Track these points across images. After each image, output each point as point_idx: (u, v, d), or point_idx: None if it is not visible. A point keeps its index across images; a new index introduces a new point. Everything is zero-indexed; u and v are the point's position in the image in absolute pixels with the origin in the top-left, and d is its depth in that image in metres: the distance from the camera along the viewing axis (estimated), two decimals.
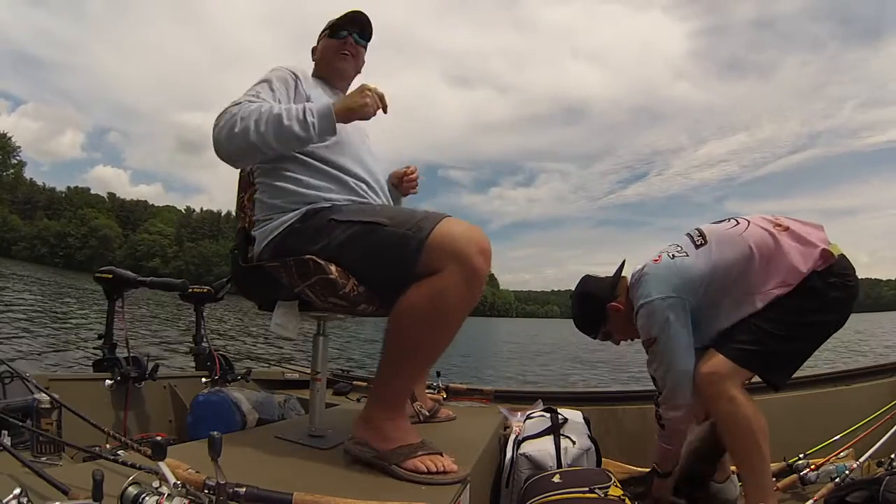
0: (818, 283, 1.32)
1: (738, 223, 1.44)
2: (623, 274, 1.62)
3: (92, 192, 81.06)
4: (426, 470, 0.97)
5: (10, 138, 54.23)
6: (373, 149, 1.36)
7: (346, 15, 1.37)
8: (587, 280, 1.67)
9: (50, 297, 15.34)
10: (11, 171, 56.03)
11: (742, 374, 1.34)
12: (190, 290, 2.19)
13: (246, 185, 1.34)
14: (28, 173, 64.53)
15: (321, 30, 1.43)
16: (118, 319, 1.97)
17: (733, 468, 1.62)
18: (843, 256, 1.36)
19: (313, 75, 1.40)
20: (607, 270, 1.67)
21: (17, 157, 56.14)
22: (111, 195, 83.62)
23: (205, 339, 2.24)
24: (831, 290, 1.32)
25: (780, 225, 1.38)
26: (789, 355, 1.37)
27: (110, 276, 1.97)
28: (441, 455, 1.01)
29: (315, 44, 1.44)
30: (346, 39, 1.38)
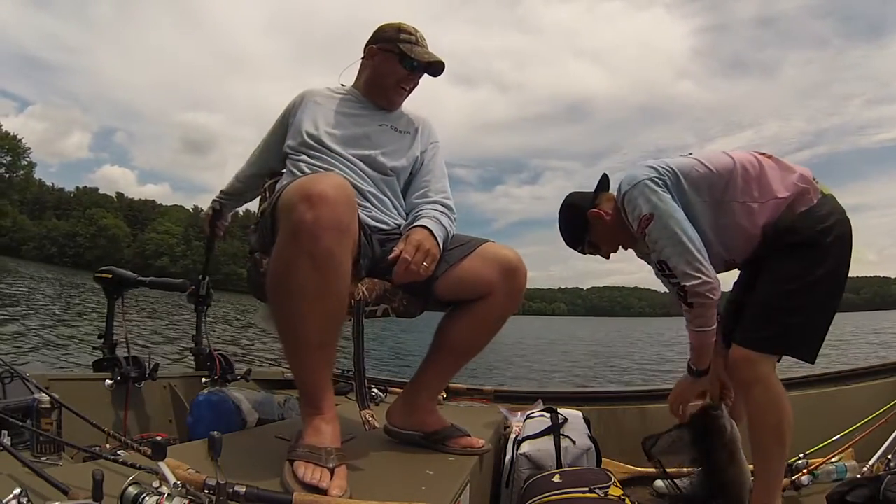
0: (808, 230, 1.31)
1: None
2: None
3: (100, 192, 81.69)
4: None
5: (20, 140, 54.28)
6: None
7: (431, 62, 1.34)
8: (570, 194, 1.65)
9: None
10: (21, 171, 56.02)
11: (773, 357, 1.33)
12: (189, 291, 2.19)
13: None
14: (37, 174, 64.49)
15: (386, 33, 1.35)
16: (118, 319, 1.98)
17: None
18: (832, 196, 1.37)
19: (355, 84, 1.42)
20: (611, 268, 1.65)
21: (28, 159, 55.82)
22: (119, 195, 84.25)
23: (205, 339, 2.24)
24: (825, 236, 1.31)
25: (763, 154, 1.43)
26: (812, 319, 1.34)
27: (110, 275, 1.97)
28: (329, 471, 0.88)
29: (371, 44, 1.37)
30: (415, 76, 1.36)
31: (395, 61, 1.33)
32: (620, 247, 1.60)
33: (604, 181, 1.61)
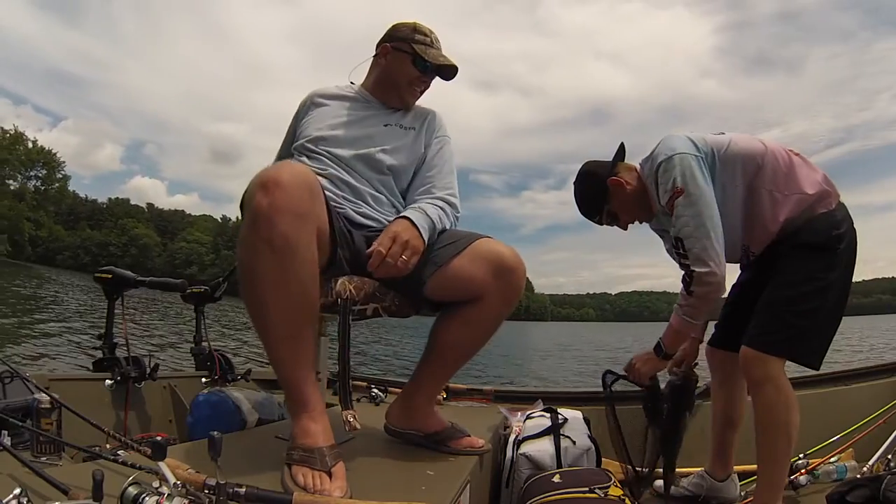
0: (824, 233, 1.32)
1: None
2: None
3: (131, 202, 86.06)
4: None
5: (55, 154, 56.62)
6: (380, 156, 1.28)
7: (445, 65, 1.32)
8: (587, 162, 1.62)
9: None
10: (56, 185, 58.22)
11: (781, 360, 1.33)
12: (189, 291, 2.19)
13: None
14: (71, 186, 66.53)
15: (400, 32, 1.33)
16: (118, 319, 1.98)
17: (736, 467, 1.62)
18: (844, 204, 1.39)
19: (364, 83, 1.39)
20: (639, 273, 1.67)
21: (62, 172, 58.42)
22: (150, 205, 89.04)
23: (205, 339, 2.24)
24: (838, 242, 1.32)
25: (791, 150, 1.43)
26: (823, 323, 1.34)
27: (110, 276, 1.97)
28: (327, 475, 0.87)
29: (385, 42, 1.34)
30: (426, 78, 1.34)
31: (407, 61, 1.31)
32: (637, 220, 1.58)
33: (621, 151, 1.59)
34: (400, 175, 1.31)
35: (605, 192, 1.53)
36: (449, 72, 1.34)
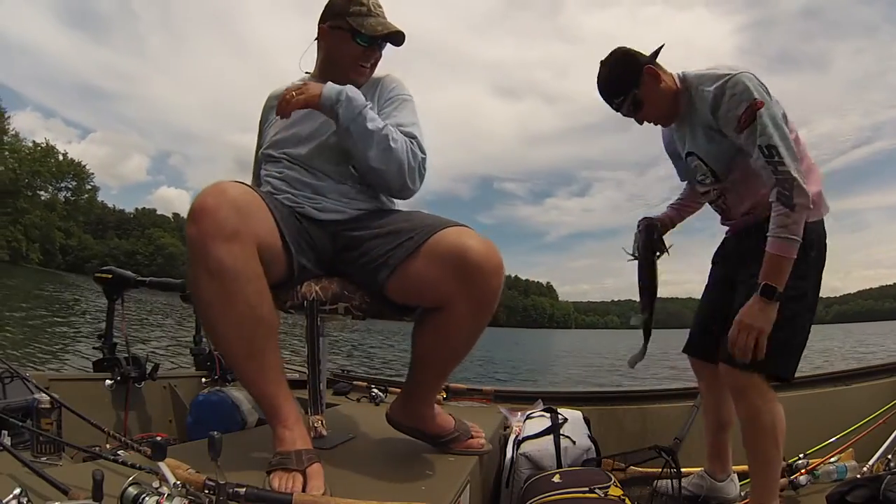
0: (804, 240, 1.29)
1: None
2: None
3: (158, 212, 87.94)
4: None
5: (84, 166, 58.68)
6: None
7: (386, 33, 1.21)
8: (620, 47, 1.52)
9: None
10: (86, 195, 60.56)
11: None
12: (189, 291, 2.19)
13: None
14: (99, 196, 69.13)
15: (335, 6, 1.23)
16: (118, 319, 1.98)
17: (735, 467, 1.62)
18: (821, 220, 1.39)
19: (313, 71, 1.31)
20: (662, 279, 1.62)
21: (91, 183, 60.60)
22: (176, 215, 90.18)
23: (204, 339, 2.24)
24: (810, 250, 1.32)
25: (807, 153, 1.40)
26: (799, 333, 1.34)
27: (110, 276, 1.97)
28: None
29: (322, 22, 1.24)
30: (372, 51, 1.23)
31: (347, 39, 1.21)
32: (657, 120, 1.53)
33: (657, 52, 1.51)
34: None
35: (638, 76, 1.46)
36: (396, 38, 1.23)
